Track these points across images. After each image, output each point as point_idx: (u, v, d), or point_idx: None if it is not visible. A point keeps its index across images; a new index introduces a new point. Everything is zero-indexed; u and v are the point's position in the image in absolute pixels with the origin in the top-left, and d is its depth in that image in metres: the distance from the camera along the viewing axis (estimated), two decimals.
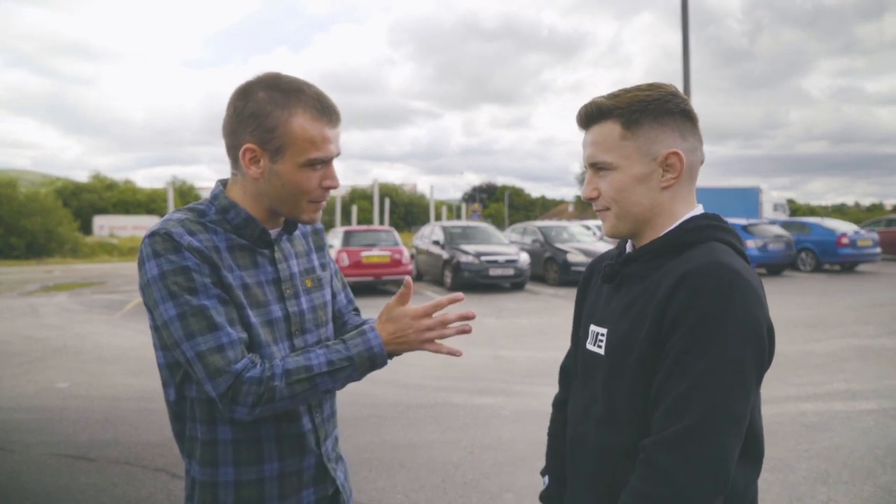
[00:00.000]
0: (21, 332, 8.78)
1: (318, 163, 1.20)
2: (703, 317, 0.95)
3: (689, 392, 0.94)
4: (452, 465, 3.83)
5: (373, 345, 1.20)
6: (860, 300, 10.74)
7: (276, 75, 1.22)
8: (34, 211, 27.61)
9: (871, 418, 4.53)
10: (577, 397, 1.22)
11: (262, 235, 1.26)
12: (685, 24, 15.38)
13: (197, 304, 1.13)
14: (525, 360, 6.72)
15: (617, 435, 1.07)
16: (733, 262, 1.00)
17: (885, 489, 3.36)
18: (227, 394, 1.12)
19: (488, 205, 73.86)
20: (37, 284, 15.75)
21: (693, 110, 1.11)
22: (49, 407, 5.15)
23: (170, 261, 1.14)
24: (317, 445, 1.31)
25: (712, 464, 0.93)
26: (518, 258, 13.21)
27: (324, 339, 1.36)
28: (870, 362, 6.25)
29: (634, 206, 1.10)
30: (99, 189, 51.41)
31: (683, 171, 1.09)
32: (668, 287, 1.00)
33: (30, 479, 3.71)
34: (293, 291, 1.30)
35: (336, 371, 1.18)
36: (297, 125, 1.17)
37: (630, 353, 1.05)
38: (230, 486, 1.23)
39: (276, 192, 1.22)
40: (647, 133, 1.07)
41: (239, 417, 1.16)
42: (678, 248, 1.08)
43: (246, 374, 1.13)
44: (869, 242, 15.62)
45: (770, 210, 25.59)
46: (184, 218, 1.21)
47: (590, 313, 1.22)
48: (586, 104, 1.12)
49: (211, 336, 1.13)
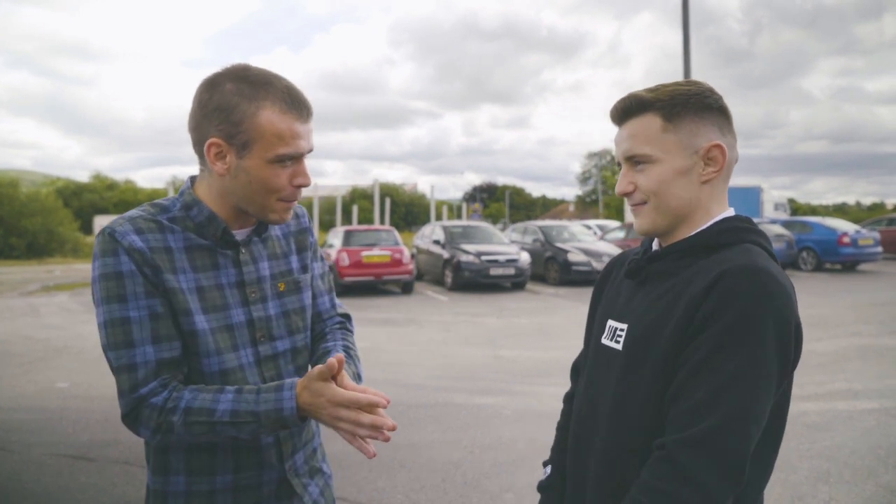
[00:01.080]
0: (21, 332, 8.78)
1: (287, 159, 1.14)
2: (738, 318, 0.94)
3: (716, 391, 0.94)
4: (453, 465, 3.82)
5: (284, 406, 1.09)
6: (861, 299, 10.73)
7: (245, 67, 1.16)
8: (35, 211, 27.62)
9: (873, 418, 4.52)
10: (584, 394, 1.20)
11: (224, 235, 1.20)
12: (686, 24, 15.37)
13: (120, 315, 1.10)
14: (526, 360, 6.71)
15: (628, 431, 1.06)
16: (769, 266, 1.00)
17: (886, 488, 3.36)
18: (130, 415, 1.11)
19: (489, 204, 73.88)
20: (37, 284, 15.75)
21: (728, 108, 1.10)
22: (49, 407, 5.15)
23: (105, 264, 1.11)
24: (279, 460, 1.23)
25: (733, 464, 0.92)
26: (519, 258, 13.19)
27: (300, 346, 1.29)
28: (871, 362, 6.24)
29: (674, 200, 1.08)
30: (100, 189, 51.51)
31: (725, 165, 1.08)
32: (704, 285, 0.99)
33: (30, 479, 3.71)
34: (260, 295, 1.23)
35: (239, 423, 1.09)
36: (265, 119, 1.11)
37: (652, 348, 1.04)
38: (180, 496, 1.18)
39: (243, 189, 1.16)
40: (689, 126, 1.06)
41: (143, 437, 1.13)
42: (711, 248, 1.07)
43: (150, 399, 1.09)
44: (870, 242, 15.61)
45: (771, 209, 25.56)
46: (137, 216, 1.17)
47: (608, 308, 1.20)
48: (623, 98, 1.10)
49: (125, 352, 1.10)
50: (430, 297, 12.47)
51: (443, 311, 10.46)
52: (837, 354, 6.55)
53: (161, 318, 1.12)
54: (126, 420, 1.12)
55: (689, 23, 15.34)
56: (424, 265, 14.90)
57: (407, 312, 10.42)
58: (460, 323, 9.26)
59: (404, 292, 13.15)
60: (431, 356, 7.04)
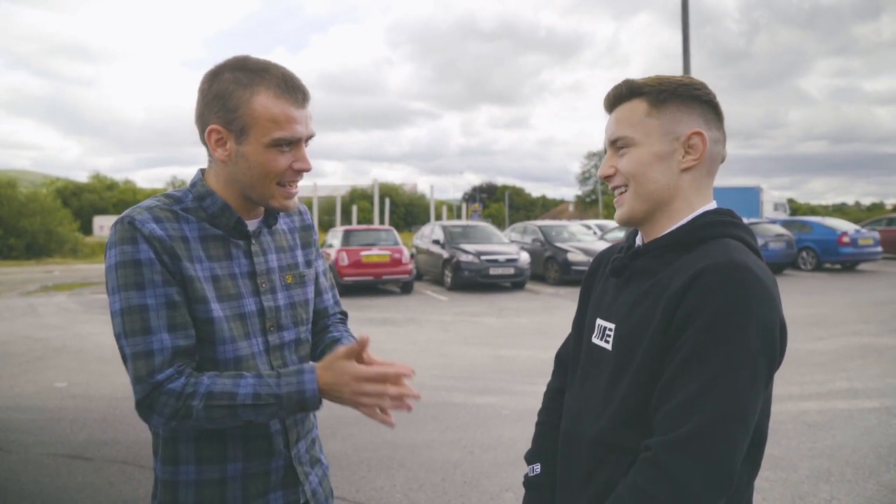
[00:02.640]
0: (20, 331, 8.77)
1: (284, 143, 1.16)
2: (717, 316, 0.93)
3: (698, 393, 0.92)
4: (452, 465, 3.81)
5: (306, 388, 1.13)
6: (861, 299, 10.72)
7: (245, 57, 1.19)
8: (34, 211, 27.61)
9: (874, 416, 4.51)
10: (575, 392, 1.19)
11: (237, 225, 1.22)
12: (685, 25, 15.37)
13: (138, 302, 1.11)
14: (525, 360, 6.70)
15: (617, 431, 1.05)
16: (748, 261, 0.98)
17: (887, 487, 3.34)
18: (144, 401, 1.11)
19: (488, 205, 73.89)
20: (36, 284, 15.74)
21: (720, 106, 1.10)
22: (47, 407, 5.13)
23: (124, 252, 1.12)
24: (286, 447, 1.26)
25: (719, 466, 0.90)
26: (518, 257, 13.18)
27: (303, 337, 1.32)
28: (871, 361, 6.23)
29: (652, 184, 1.07)
30: (99, 189, 51.54)
31: (705, 154, 1.07)
32: (682, 284, 0.97)
33: (28, 478, 3.69)
34: (270, 286, 1.26)
35: (261, 406, 1.12)
36: (259, 104, 1.14)
37: (637, 349, 1.02)
38: (191, 486, 1.19)
39: (244, 175, 1.18)
40: (674, 113, 1.06)
41: (154, 426, 1.14)
42: (691, 242, 1.05)
43: (167, 385, 1.10)
44: (870, 241, 15.60)
45: (771, 209, 25.56)
46: (154, 205, 1.18)
47: (597, 307, 1.19)
48: (617, 84, 1.11)
49: (142, 339, 1.10)
50: (429, 297, 12.46)
51: (442, 311, 10.44)
52: (838, 353, 6.54)
53: (178, 307, 1.13)
54: (140, 407, 1.12)
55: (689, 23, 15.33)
56: (424, 265, 14.89)
57: (406, 312, 10.41)
58: (460, 323, 9.24)
59: (404, 292, 13.13)
60: (431, 356, 7.03)
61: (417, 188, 75.69)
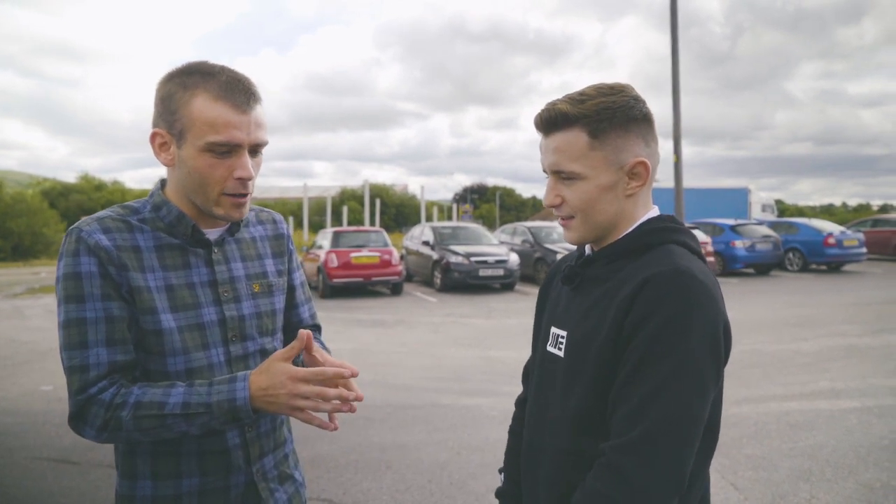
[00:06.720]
0: (6, 334, 8.70)
1: (220, 148, 1.11)
2: (664, 323, 0.96)
3: (649, 396, 0.96)
4: (439, 466, 3.83)
5: (237, 397, 1.08)
6: (846, 300, 10.83)
7: (200, 62, 1.16)
8: (20, 212, 27.37)
9: (855, 416, 4.57)
10: (533, 400, 1.22)
11: (194, 233, 1.19)
12: (674, 27, 15.47)
13: (76, 315, 1.10)
14: (514, 361, 6.73)
15: (574, 438, 1.08)
16: (691, 266, 1.01)
17: (866, 486, 3.40)
18: (77, 413, 1.10)
19: (479, 205, 73.97)
20: (23, 286, 15.59)
21: (651, 112, 1.11)
22: (33, 410, 5.10)
23: (67, 264, 1.12)
24: (246, 463, 1.22)
25: (672, 467, 0.94)
26: (508, 259, 13.22)
27: (269, 348, 1.28)
28: (855, 361, 6.31)
29: (600, 215, 1.10)
30: (87, 190, 50.99)
31: (648, 178, 1.10)
32: (630, 292, 1.01)
33: (12, 482, 3.68)
34: (234, 295, 1.23)
35: (191, 415, 1.08)
36: (196, 107, 1.11)
37: (589, 355, 1.05)
38: (147, 501, 1.17)
39: (186, 180, 1.16)
40: (615, 141, 1.07)
41: (87, 438, 1.12)
42: (638, 249, 1.09)
43: (97, 397, 1.08)
44: (855, 243, 15.76)
45: (758, 210, 25.76)
46: (106, 216, 1.17)
47: (551, 315, 1.22)
48: (548, 109, 1.09)
49: (79, 353, 1.09)
50: (419, 299, 12.46)
51: (432, 312, 10.45)
52: (822, 354, 6.62)
53: (116, 322, 1.11)
54: (72, 422, 1.11)
55: (678, 26, 15.43)
56: (414, 266, 14.89)
57: (396, 313, 10.41)
58: (449, 324, 9.26)
59: (393, 293, 13.13)
60: (420, 357, 7.04)
61: (408, 189, 75.68)
